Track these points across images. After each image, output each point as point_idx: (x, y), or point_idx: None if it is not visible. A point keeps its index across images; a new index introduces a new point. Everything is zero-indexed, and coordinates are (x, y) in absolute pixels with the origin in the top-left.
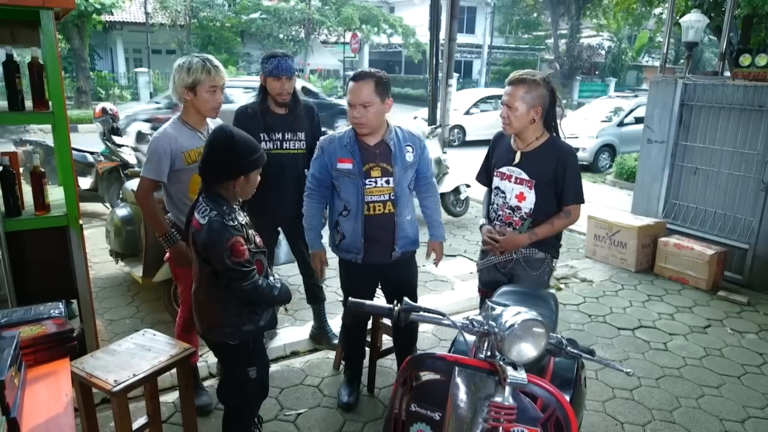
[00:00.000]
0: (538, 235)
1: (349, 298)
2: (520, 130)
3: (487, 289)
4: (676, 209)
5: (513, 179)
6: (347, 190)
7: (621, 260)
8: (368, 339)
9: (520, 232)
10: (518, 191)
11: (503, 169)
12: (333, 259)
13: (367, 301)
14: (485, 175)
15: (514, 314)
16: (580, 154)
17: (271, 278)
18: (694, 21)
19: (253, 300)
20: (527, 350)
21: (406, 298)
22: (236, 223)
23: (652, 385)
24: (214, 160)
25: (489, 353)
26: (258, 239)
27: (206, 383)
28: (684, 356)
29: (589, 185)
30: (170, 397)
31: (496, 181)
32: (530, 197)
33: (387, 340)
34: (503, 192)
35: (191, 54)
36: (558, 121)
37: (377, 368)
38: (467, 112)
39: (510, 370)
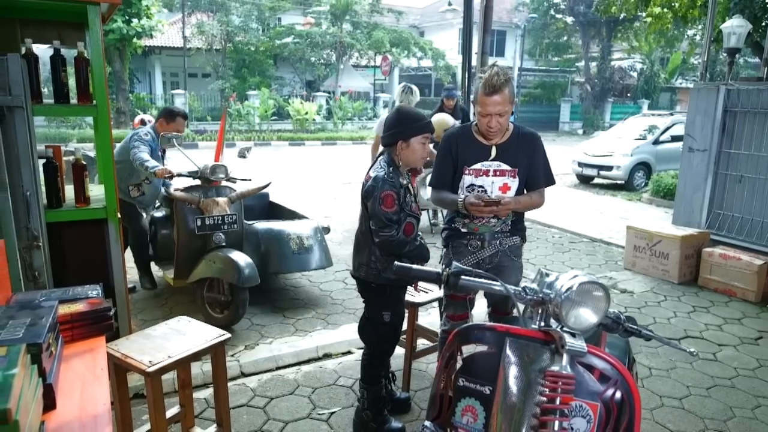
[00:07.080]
0: (520, 202)
1: (396, 262)
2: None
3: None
4: (720, 219)
5: (492, 173)
6: None
7: (663, 272)
8: (403, 339)
9: (504, 221)
10: (501, 183)
11: (477, 166)
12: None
13: (414, 266)
14: (449, 178)
15: (570, 278)
16: (614, 173)
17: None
18: (736, 26)
19: (384, 250)
20: (587, 316)
21: (455, 262)
22: (396, 181)
23: (703, 395)
24: (385, 128)
25: (543, 323)
26: (414, 206)
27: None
28: (735, 367)
29: (624, 203)
30: (203, 394)
31: (469, 179)
32: (514, 186)
33: (422, 343)
34: (482, 187)
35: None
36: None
37: (412, 370)
38: None
39: (568, 338)
